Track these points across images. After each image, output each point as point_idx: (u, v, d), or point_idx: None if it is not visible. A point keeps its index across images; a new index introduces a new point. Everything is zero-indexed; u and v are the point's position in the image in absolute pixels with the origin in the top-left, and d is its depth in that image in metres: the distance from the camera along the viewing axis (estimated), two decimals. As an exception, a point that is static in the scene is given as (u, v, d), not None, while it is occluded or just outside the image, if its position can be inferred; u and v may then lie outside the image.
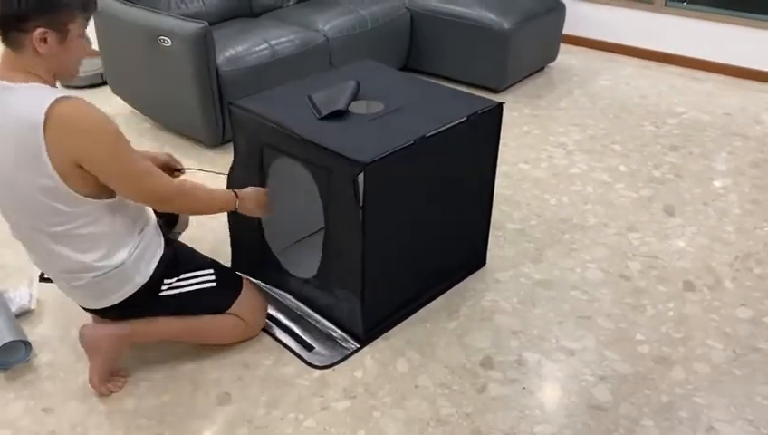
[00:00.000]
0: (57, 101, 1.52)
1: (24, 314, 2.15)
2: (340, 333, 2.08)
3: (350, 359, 1.99)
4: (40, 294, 2.21)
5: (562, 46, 4.44)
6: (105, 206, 1.67)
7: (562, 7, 4.06)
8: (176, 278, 1.86)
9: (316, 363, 1.98)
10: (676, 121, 3.58)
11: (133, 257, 1.75)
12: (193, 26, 2.90)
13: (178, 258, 1.89)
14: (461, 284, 2.31)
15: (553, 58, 4.23)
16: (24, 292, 2.20)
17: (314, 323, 2.13)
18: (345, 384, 1.91)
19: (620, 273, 2.39)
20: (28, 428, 1.78)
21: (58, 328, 2.11)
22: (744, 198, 2.85)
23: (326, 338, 2.08)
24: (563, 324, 2.14)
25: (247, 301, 2.00)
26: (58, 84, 1.65)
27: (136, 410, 1.83)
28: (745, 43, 4.13)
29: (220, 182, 2.14)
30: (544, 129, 3.47)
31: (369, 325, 2.06)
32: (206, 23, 2.94)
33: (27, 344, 1.97)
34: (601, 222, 2.68)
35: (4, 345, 1.92)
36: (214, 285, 1.92)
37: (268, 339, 2.07)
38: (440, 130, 1.95)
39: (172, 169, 2.09)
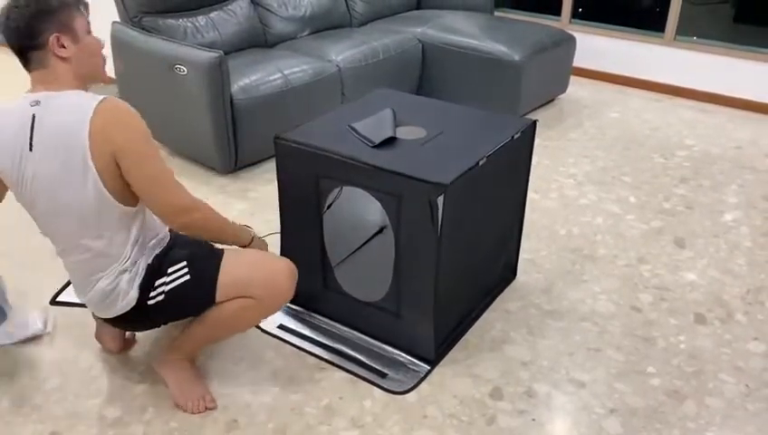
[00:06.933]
0: (105, 99, 1.62)
1: (35, 337, 2.16)
2: (407, 357, 2.08)
3: (358, 388, 1.99)
4: (51, 318, 2.22)
5: (573, 78, 4.48)
6: (132, 213, 1.73)
7: (573, 40, 4.10)
8: (157, 283, 1.79)
9: (396, 389, 1.98)
10: (686, 154, 3.58)
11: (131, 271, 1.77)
12: (208, 55, 2.95)
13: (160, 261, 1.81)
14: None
15: (563, 90, 4.27)
16: (36, 315, 2.21)
17: (378, 350, 2.12)
18: (353, 413, 1.90)
19: (631, 304, 2.37)
20: (36, 452, 1.78)
21: (67, 352, 2.12)
22: (756, 231, 2.84)
23: (394, 363, 2.07)
24: (573, 356, 2.13)
25: (237, 278, 1.80)
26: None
27: (143, 435, 1.83)
28: (756, 77, 4.16)
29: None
30: (554, 159, 3.49)
31: (439, 346, 2.08)
32: (222, 52, 2.99)
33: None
34: (612, 253, 2.68)
35: None
36: (188, 278, 1.79)
37: (276, 365, 2.07)
38: (497, 148, 2.01)
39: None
